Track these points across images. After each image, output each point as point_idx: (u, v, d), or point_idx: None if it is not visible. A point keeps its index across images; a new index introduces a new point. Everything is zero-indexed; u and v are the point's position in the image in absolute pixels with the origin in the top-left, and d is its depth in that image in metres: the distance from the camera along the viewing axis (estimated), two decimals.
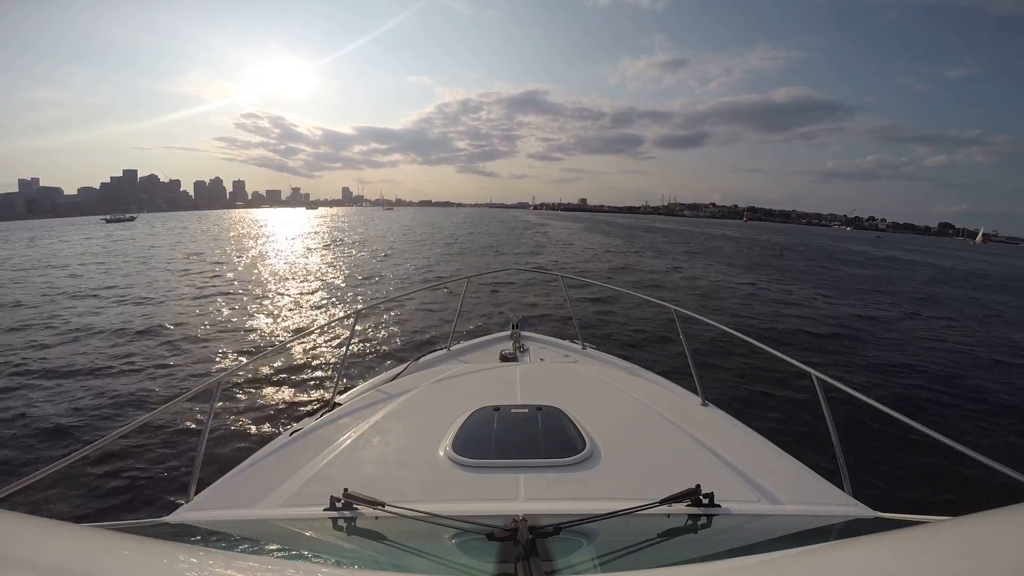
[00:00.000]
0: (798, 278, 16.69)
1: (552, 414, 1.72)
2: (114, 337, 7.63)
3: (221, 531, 1.23)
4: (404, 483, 1.39)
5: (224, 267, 17.12)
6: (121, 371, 6.07)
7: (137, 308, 9.95)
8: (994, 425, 4.84)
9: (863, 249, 41.58)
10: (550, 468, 1.42)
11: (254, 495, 1.39)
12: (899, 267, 24.87)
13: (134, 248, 26.06)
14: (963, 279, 20.93)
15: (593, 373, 2.50)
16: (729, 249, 30.12)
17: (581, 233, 40.75)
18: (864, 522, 1.25)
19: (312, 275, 15.13)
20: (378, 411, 1.94)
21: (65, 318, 9.02)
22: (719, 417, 2.00)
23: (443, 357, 3.14)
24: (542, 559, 0.82)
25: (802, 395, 4.90)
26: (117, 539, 0.76)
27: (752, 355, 5.87)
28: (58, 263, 19.20)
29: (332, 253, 22.78)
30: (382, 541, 1.10)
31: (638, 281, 14.24)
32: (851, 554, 0.71)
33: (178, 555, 0.77)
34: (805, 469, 1.56)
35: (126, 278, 14.36)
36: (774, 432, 1.85)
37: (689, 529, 1.15)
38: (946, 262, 31.93)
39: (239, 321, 8.77)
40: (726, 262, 21.37)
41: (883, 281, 17.52)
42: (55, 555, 0.62)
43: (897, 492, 3.40)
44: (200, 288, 12.37)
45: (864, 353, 7.29)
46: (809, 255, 29.04)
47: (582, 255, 22.25)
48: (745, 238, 47.43)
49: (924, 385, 5.91)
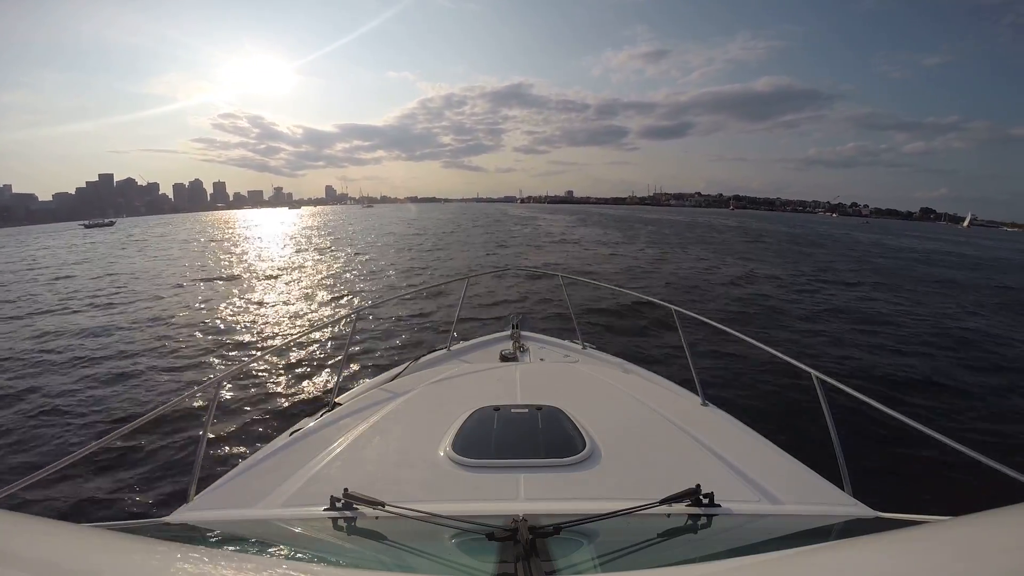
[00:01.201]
0: (898, 289, 12.73)
1: (552, 414, 1.72)
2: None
3: (221, 531, 1.23)
4: (404, 483, 1.39)
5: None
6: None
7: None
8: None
9: (874, 238, 39.85)
10: (550, 468, 1.42)
11: (254, 495, 1.39)
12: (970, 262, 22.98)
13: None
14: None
15: (593, 373, 2.50)
16: (742, 244, 26.67)
17: (577, 228, 36.92)
18: (864, 522, 1.25)
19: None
20: (378, 411, 1.94)
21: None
22: (719, 417, 2.00)
23: (443, 357, 3.14)
24: (542, 559, 0.82)
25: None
26: (117, 539, 0.76)
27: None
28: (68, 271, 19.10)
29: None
30: (382, 541, 1.10)
31: (690, 300, 10.51)
32: (851, 554, 0.71)
33: (178, 555, 0.77)
34: (805, 469, 1.56)
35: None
36: (774, 432, 1.84)
37: (689, 529, 1.15)
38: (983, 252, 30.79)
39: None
40: (760, 259, 18.63)
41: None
42: (55, 555, 0.62)
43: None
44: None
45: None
46: (843, 250, 25.36)
47: (590, 257, 18.42)
48: (747, 227, 46.18)
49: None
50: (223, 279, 14.26)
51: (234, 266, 17.73)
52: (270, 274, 15.20)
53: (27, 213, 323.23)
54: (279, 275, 14.91)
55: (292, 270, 16.16)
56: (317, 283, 13.30)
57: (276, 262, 18.61)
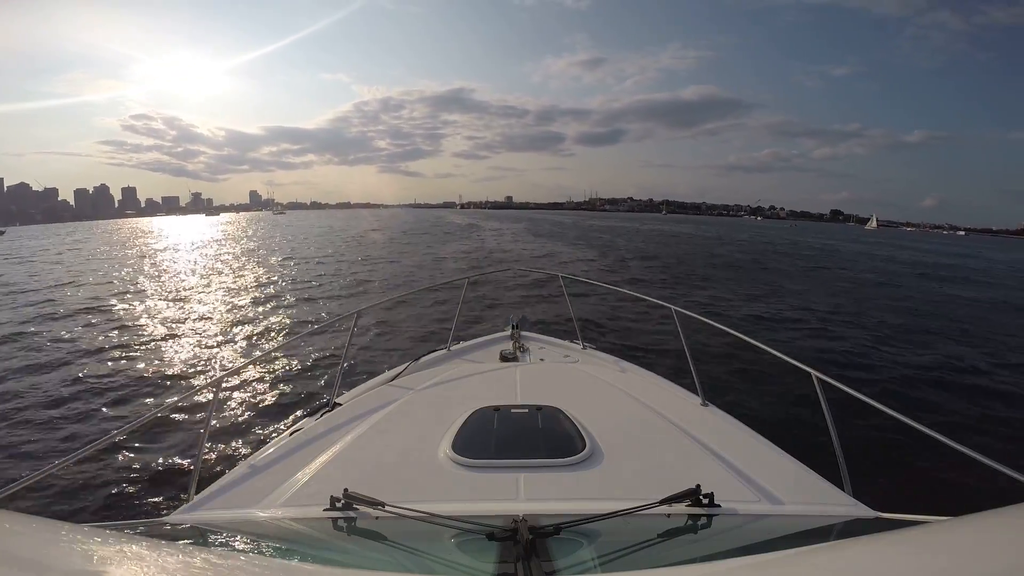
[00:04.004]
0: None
1: (552, 414, 1.72)
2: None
3: (221, 531, 1.23)
4: (404, 483, 1.39)
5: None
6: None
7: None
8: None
9: (833, 244, 38.37)
10: (550, 468, 1.42)
11: (254, 495, 1.39)
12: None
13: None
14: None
15: (593, 373, 2.50)
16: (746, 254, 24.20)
17: (533, 241, 29.20)
18: (864, 522, 1.25)
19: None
20: (378, 411, 1.94)
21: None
22: (719, 417, 2.00)
23: (443, 357, 3.14)
24: (542, 559, 0.82)
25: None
26: (117, 539, 0.76)
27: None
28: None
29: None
30: (382, 541, 1.10)
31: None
32: (851, 554, 0.71)
33: (178, 555, 0.77)
34: (805, 469, 1.56)
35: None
36: (774, 432, 1.84)
37: (689, 529, 1.15)
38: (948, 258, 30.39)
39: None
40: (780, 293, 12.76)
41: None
42: (55, 555, 0.62)
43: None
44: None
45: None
46: (826, 259, 23.68)
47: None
48: (705, 234, 44.33)
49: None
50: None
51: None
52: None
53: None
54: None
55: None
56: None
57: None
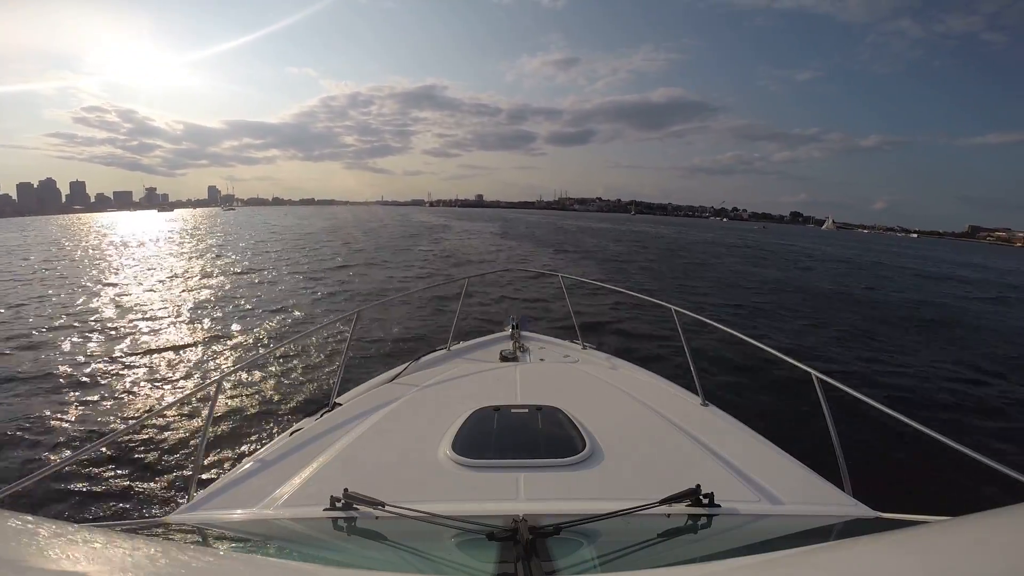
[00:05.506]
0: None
1: (552, 414, 1.72)
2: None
3: (221, 531, 1.23)
4: (404, 483, 1.39)
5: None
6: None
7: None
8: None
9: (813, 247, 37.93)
10: (550, 468, 1.42)
11: (254, 495, 1.39)
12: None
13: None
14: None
15: (593, 373, 2.50)
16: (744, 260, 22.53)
17: (511, 246, 25.38)
18: (864, 522, 1.25)
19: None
20: (378, 411, 1.94)
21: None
22: (719, 417, 2.00)
23: (443, 357, 3.14)
24: (542, 559, 0.82)
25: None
26: (117, 539, 0.76)
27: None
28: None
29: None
30: (382, 541, 1.10)
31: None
32: (851, 554, 0.71)
33: (178, 555, 0.77)
34: (805, 469, 1.56)
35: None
36: (774, 432, 1.84)
37: (689, 529, 1.15)
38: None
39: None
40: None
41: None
42: (55, 555, 0.62)
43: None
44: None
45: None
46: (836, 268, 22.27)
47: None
48: (684, 237, 43.05)
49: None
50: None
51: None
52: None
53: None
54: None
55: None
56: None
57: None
